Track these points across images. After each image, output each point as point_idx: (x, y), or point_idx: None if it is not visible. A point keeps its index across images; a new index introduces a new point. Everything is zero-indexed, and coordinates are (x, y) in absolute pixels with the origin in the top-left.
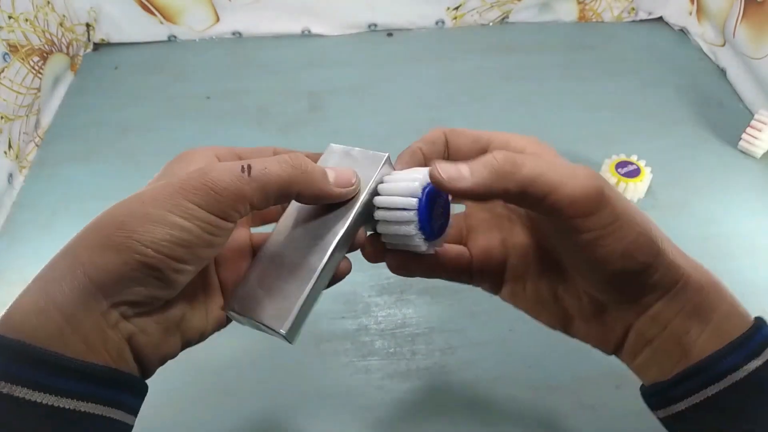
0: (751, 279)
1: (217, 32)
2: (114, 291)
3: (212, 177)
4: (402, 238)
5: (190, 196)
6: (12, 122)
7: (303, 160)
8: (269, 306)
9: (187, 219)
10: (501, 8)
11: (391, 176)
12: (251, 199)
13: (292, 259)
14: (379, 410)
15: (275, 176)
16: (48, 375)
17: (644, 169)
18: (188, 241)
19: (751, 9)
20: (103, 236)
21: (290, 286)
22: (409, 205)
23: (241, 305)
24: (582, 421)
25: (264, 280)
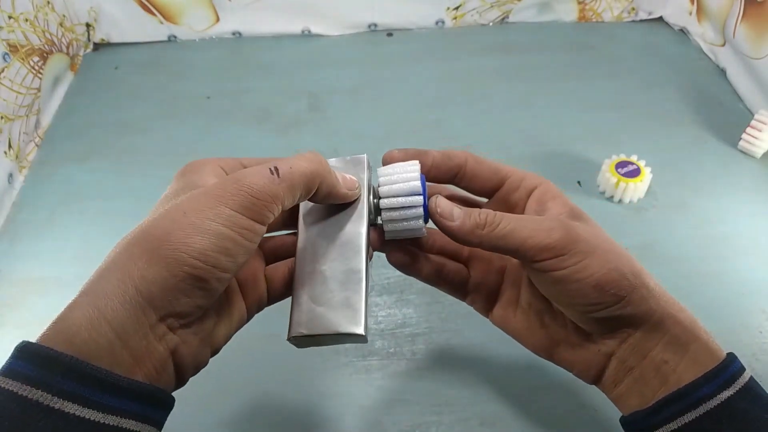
0: (751, 279)
1: (217, 32)
2: (163, 304)
3: (248, 182)
4: (408, 231)
5: (230, 203)
6: (12, 122)
7: (321, 157)
8: (337, 317)
9: (229, 227)
10: (501, 8)
11: (386, 177)
12: (283, 199)
13: (334, 270)
14: (379, 410)
15: (300, 173)
16: (97, 392)
17: (644, 169)
18: (230, 248)
19: (751, 9)
20: (150, 249)
21: (347, 293)
22: (416, 203)
23: (309, 327)
24: (582, 421)
25: (317, 297)
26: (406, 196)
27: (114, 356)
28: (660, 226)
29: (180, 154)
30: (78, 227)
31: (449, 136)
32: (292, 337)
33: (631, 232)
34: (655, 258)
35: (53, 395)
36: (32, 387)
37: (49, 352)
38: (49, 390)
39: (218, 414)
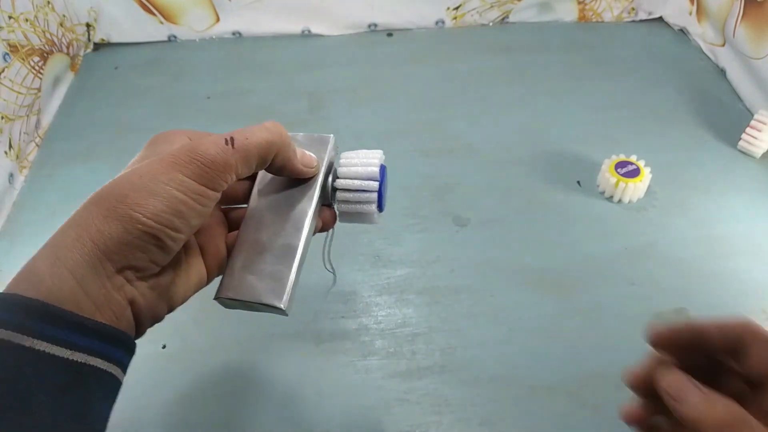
0: (751, 279)
1: (217, 32)
2: (119, 257)
3: (202, 150)
4: (361, 215)
5: (184, 169)
6: (12, 122)
7: (281, 128)
8: (263, 287)
9: (182, 191)
10: (501, 8)
11: (347, 159)
12: (236, 168)
13: (272, 242)
14: (379, 410)
15: (256, 143)
16: (65, 331)
17: (644, 169)
18: (183, 211)
19: (751, 9)
20: (108, 208)
21: (278, 266)
22: (370, 188)
23: (235, 291)
24: (582, 421)
25: (250, 265)
26: (362, 179)
27: (77, 301)
28: (659, 226)
29: None
30: None
31: (449, 136)
32: (218, 298)
33: (631, 232)
34: (654, 258)
35: (25, 335)
36: (4, 329)
37: (18, 298)
38: (21, 330)
39: (218, 414)
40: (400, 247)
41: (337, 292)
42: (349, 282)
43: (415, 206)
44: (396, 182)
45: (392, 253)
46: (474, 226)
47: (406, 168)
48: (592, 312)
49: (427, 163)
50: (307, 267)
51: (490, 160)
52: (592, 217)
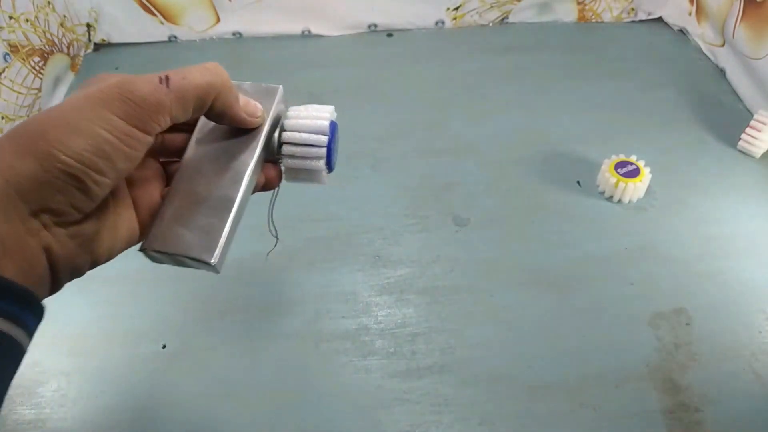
0: (751, 279)
1: (218, 32)
2: (35, 198)
3: (132, 88)
4: (308, 173)
5: (112, 107)
6: (13, 122)
7: (221, 70)
8: (193, 240)
9: (108, 130)
10: (501, 8)
11: (296, 112)
12: (170, 110)
13: (207, 193)
14: (379, 410)
15: (194, 84)
16: None
17: (644, 169)
18: (108, 152)
19: (751, 9)
20: (24, 144)
21: (211, 219)
22: (319, 142)
23: (163, 243)
24: (582, 421)
25: (182, 216)
26: (311, 133)
27: None
28: (659, 226)
29: None
30: None
31: (449, 136)
32: (143, 250)
33: (631, 232)
34: (654, 258)
35: None
36: None
37: None
38: None
39: (218, 413)
40: (400, 247)
41: (337, 291)
42: (349, 282)
43: (415, 206)
44: (396, 182)
45: (392, 253)
46: (474, 226)
47: (406, 168)
48: (592, 312)
49: (427, 163)
50: (307, 266)
51: (490, 160)
52: (592, 217)
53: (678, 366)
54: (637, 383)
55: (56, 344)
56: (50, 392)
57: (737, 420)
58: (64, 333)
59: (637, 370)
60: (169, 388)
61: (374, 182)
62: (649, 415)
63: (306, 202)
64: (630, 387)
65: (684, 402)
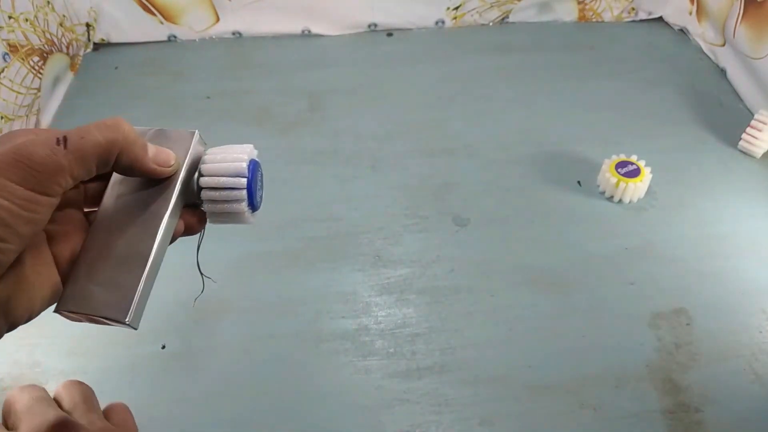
0: (751, 279)
1: (217, 32)
2: None
3: (26, 152)
4: (231, 216)
5: (7, 173)
6: (12, 122)
7: (123, 124)
8: (107, 299)
9: (4, 197)
10: (501, 8)
11: (213, 155)
12: (71, 171)
13: (121, 248)
14: (379, 410)
15: (93, 143)
16: None
17: (644, 169)
18: (6, 219)
19: (751, 9)
20: None
21: (125, 276)
22: (239, 185)
23: (77, 303)
24: (582, 421)
25: (95, 274)
26: (229, 176)
27: None
28: (660, 225)
29: None
30: None
31: (449, 136)
32: (58, 311)
33: (631, 232)
34: (654, 258)
35: None
36: None
37: None
38: None
39: (218, 413)
40: (400, 247)
41: (337, 292)
42: (349, 282)
43: (415, 206)
44: (396, 182)
45: (392, 253)
46: (474, 226)
47: (406, 168)
48: (592, 312)
49: (427, 163)
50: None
51: (490, 160)
52: (593, 217)
53: (678, 366)
54: (637, 383)
55: (56, 344)
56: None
57: (737, 420)
58: (64, 333)
59: (637, 370)
60: (169, 388)
61: (374, 182)
62: (649, 415)
63: (306, 203)
64: (630, 387)
65: (684, 402)
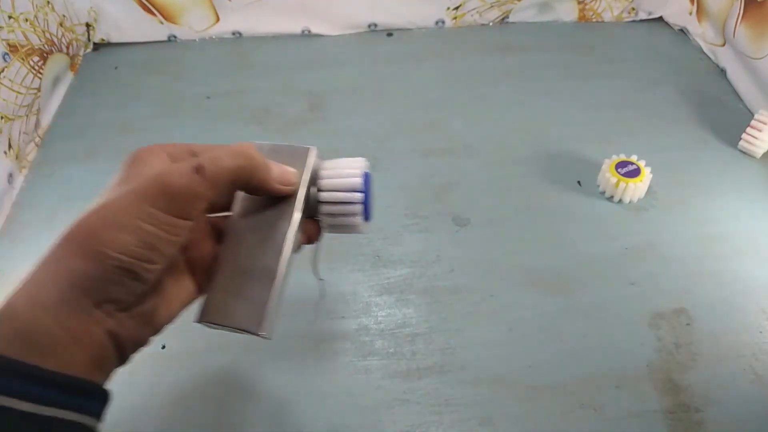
0: (751, 279)
1: (217, 32)
2: (96, 293)
3: (169, 182)
4: (346, 227)
5: (152, 201)
6: (12, 122)
7: (250, 150)
8: (243, 312)
9: (151, 224)
10: (501, 8)
11: (329, 170)
12: (207, 197)
13: (251, 265)
14: (379, 410)
15: (226, 171)
16: (27, 384)
17: (644, 169)
18: (153, 243)
19: (751, 9)
20: (81, 244)
21: (256, 290)
22: (354, 199)
23: (215, 315)
24: (582, 421)
25: (230, 288)
26: (346, 192)
27: (53, 339)
28: (660, 226)
29: None
30: None
31: (449, 136)
32: (200, 321)
33: (631, 232)
34: (654, 258)
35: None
36: None
37: None
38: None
39: (218, 414)
40: (400, 247)
41: (337, 292)
42: (349, 282)
43: (415, 206)
44: (396, 182)
45: (392, 253)
46: (474, 226)
47: (406, 168)
48: (592, 312)
49: (427, 163)
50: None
51: (490, 160)
52: (593, 217)
53: (678, 366)
54: (638, 383)
55: None
56: None
57: (738, 420)
58: None
59: (637, 370)
60: (169, 388)
61: (374, 182)
62: (650, 415)
63: None
64: (630, 387)
65: (684, 402)
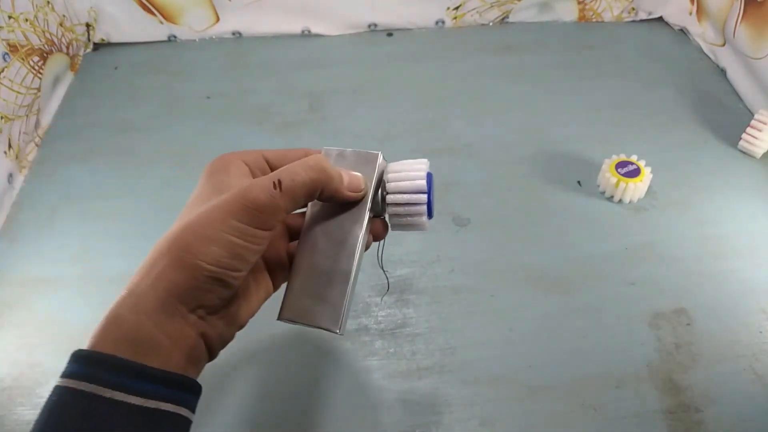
0: (751, 279)
1: (217, 32)
2: (190, 300)
3: (251, 197)
4: (413, 226)
5: (237, 216)
6: (12, 122)
7: (324, 163)
8: (320, 311)
9: (237, 236)
10: (501, 8)
11: (394, 173)
12: (285, 209)
13: (326, 266)
14: (379, 410)
15: (302, 184)
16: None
17: (644, 169)
18: (241, 253)
19: (751, 9)
20: (177, 258)
21: (333, 291)
22: (420, 201)
23: (296, 314)
24: (582, 421)
25: (308, 289)
26: (411, 193)
27: (155, 342)
28: (660, 225)
29: (180, 153)
30: (78, 227)
31: (449, 136)
32: (281, 318)
33: (631, 231)
34: (654, 258)
35: (103, 387)
36: (87, 382)
37: (96, 355)
38: (99, 383)
39: (218, 414)
40: (400, 247)
41: None
42: None
43: None
44: None
45: (392, 253)
46: (474, 226)
47: None
48: (592, 312)
49: None
50: None
51: (490, 160)
52: (592, 217)
53: (678, 366)
54: (638, 383)
55: (56, 344)
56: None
57: (738, 420)
58: (64, 333)
59: (637, 370)
60: None
61: None
62: (650, 415)
63: None
64: (630, 387)
65: (684, 402)
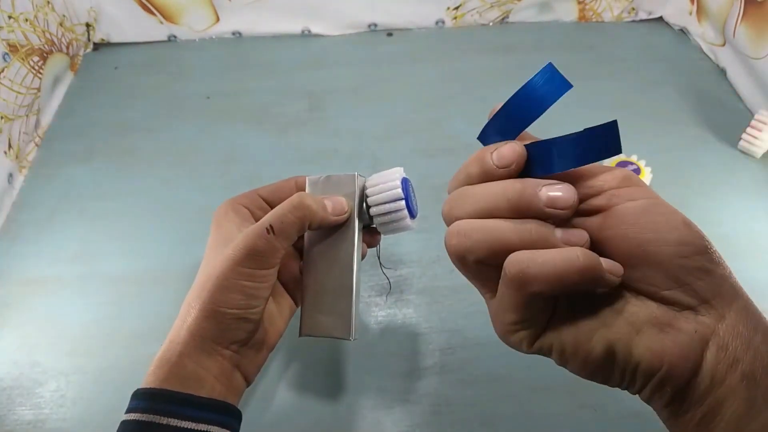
0: (751, 279)
1: (217, 32)
2: (221, 340)
3: (251, 246)
4: (400, 228)
5: (244, 263)
6: (12, 122)
7: (307, 201)
8: (333, 324)
9: (248, 280)
10: (501, 8)
11: (372, 187)
12: (282, 247)
13: (330, 284)
14: (379, 410)
15: (291, 224)
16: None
17: (644, 169)
18: (253, 293)
19: (751, 9)
20: (204, 310)
21: (339, 304)
22: (399, 207)
23: (312, 330)
24: (582, 421)
25: (318, 306)
26: (390, 202)
27: (199, 378)
28: None
29: (180, 154)
30: (78, 227)
31: (449, 136)
32: (302, 335)
33: None
34: None
35: (160, 415)
36: (147, 414)
37: (150, 390)
38: (156, 413)
39: None
40: (400, 247)
41: None
42: None
43: None
44: None
45: (392, 253)
46: None
47: (406, 168)
48: None
49: (427, 163)
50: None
51: None
52: None
53: None
54: None
55: (56, 344)
56: (50, 392)
57: None
58: (64, 333)
59: None
60: None
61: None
62: (650, 415)
63: None
64: None
65: None
